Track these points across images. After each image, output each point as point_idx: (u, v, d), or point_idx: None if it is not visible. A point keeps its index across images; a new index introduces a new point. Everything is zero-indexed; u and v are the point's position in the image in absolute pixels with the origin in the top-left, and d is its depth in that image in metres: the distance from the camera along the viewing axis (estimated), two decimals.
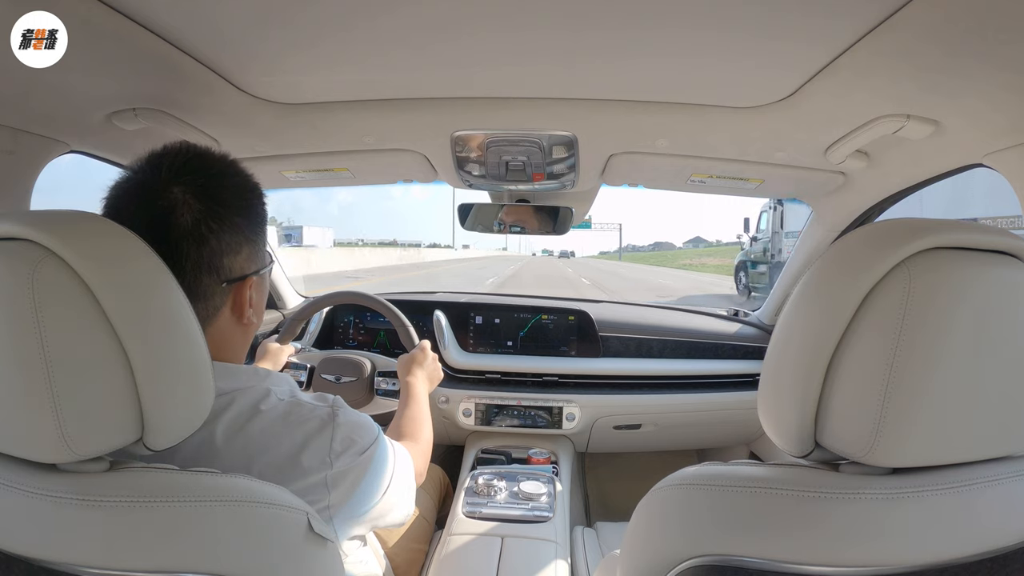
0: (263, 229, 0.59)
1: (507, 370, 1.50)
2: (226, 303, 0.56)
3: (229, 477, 0.43)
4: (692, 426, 1.55)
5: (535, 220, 1.35)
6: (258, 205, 0.59)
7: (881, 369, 0.36)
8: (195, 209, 0.51)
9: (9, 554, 0.38)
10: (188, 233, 0.51)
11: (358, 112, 0.91)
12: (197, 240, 0.52)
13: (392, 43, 0.68)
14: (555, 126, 0.94)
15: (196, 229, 0.51)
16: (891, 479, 0.38)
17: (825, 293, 0.40)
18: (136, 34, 0.62)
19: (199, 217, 0.52)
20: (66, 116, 0.80)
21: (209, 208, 0.52)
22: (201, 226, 0.52)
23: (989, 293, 0.36)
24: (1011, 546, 0.36)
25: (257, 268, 0.58)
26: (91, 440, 0.38)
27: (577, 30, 0.63)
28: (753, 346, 1.54)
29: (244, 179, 0.58)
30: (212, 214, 0.52)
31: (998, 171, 0.79)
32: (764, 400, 0.45)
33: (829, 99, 0.76)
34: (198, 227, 0.52)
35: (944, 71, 0.63)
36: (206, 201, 0.52)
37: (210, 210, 0.52)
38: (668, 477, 0.48)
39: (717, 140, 0.98)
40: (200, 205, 0.52)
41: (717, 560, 0.40)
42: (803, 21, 0.59)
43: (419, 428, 0.87)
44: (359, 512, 0.58)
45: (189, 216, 0.51)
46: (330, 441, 0.54)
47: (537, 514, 1.16)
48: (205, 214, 0.52)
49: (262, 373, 0.58)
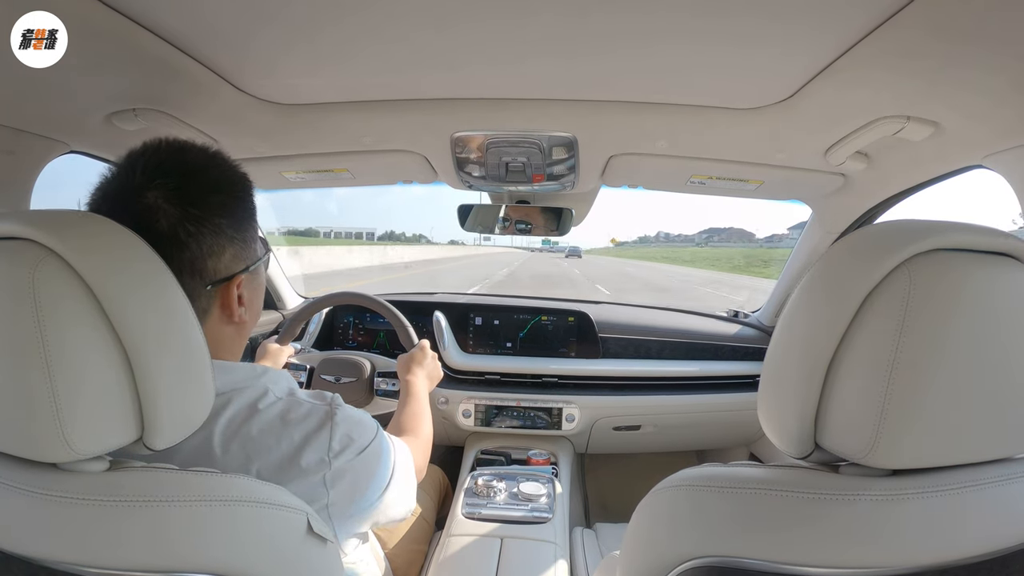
0: (250, 224, 0.57)
1: (507, 371, 1.50)
2: (214, 305, 0.55)
3: (229, 477, 0.43)
4: (692, 427, 1.55)
5: (535, 221, 1.35)
6: (243, 200, 0.56)
7: (881, 371, 0.36)
8: (171, 215, 0.50)
9: (9, 554, 0.38)
10: (166, 239, 0.49)
11: (358, 113, 0.91)
12: (176, 245, 0.50)
13: (392, 43, 0.68)
14: (555, 127, 0.94)
15: (174, 235, 0.50)
16: (891, 480, 0.38)
17: (825, 294, 0.40)
18: (136, 34, 0.62)
19: (175, 222, 0.50)
20: (66, 116, 0.80)
21: (185, 212, 0.50)
22: (179, 231, 0.50)
23: (989, 295, 0.36)
24: (1011, 547, 0.36)
25: (245, 265, 0.57)
26: (91, 440, 0.38)
27: (577, 30, 0.63)
28: (753, 347, 1.54)
29: (225, 172, 0.55)
30: (189, 218, 0.50)
31: (998, 172, 0.79)
32: (764, 401, 0.45)
33: (829, 100, 0.76)
34: (175, 233, 0.50)
35: (944, 72, 0.63)
36: (182, 206, 0.50)
37: (186, 214, 0.50)
38: (668, 478, 0.48)
39: (717, 141, 0.98)
40: (176, 210, 0.50)
41: (717, 561, 0.40)
42: (803, 22, 0.59)
43: (419, 424, 0.87)
44: (359, 510, 0.58)
45: (165, 222, 0.49)
46: (329, 440, 0.54)
47: (537, 515, 1.16)
48: (181, 218, 0.50)
49: (259, 371, 0.57)
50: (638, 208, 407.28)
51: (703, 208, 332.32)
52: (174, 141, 0.54)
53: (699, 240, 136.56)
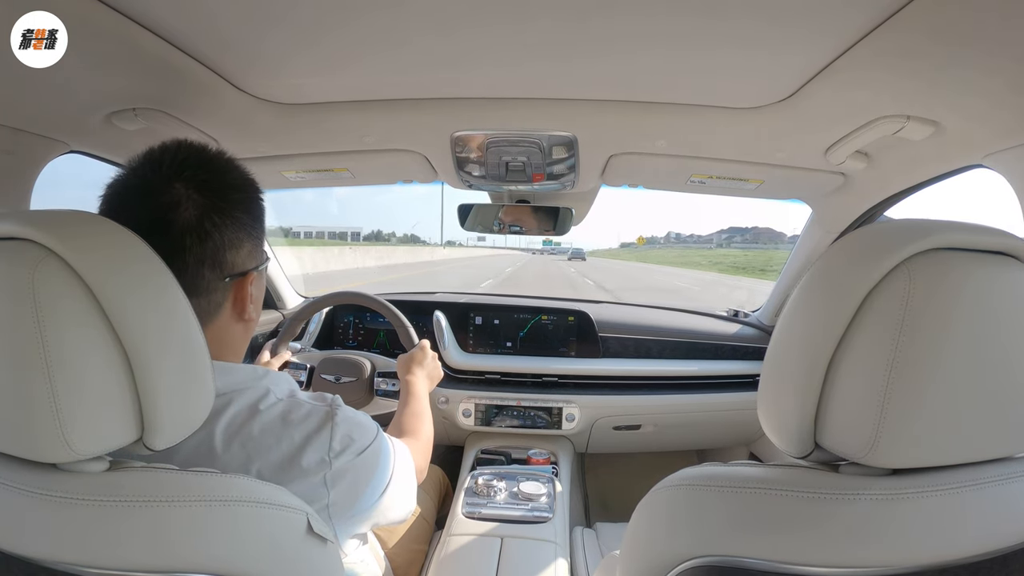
0: (262, 225, 0.60)
1: (507, 370, 1.50)
2: (227, 299, 0.56)
3: (229, 477, 0.43)
4: (692, 427, 1.55)
5: (535, 220, 1.35)
6: (258, 201, 0.59)
7: (881, 370, 0.36)
8: (199, 204, 0.52)
9: (9, 554, 0.38)
10: (191, 228, 0.51)
11: (358, 112, 0.91)
12: (200, 235, 0.52)
13: (392, 43, 0.68)
14: (555, 126, 0.94)
15: (199, 224, 0.52)
16: (891, 480, 0.38)
17: (825, 294, 0.40)
18: (136, 34, 0.62)
19: (202, 212, 0.52)
20: (66, 116, 0.80)
21: (212, 203, 0.52)
22: (205, 221, 0.52)
23: (989, 294, 0.36)
24: (1011, 547, 0.36)
25: (257, 264, 0.59)
26: (91, 440, 0.38)
27: (576, 34, 0.63)
28: (753, 347, 1.54)
29: (243, 175, 0.58)
30: (215, 208, 0.53)
31: (998, 172, 0.79)
32: (764, 401, 0.45)
33: (829, 100, 0.76)
34: (201, 222, 0.52)
35: (944, 71, 0.63)
36: (209, 196, 0.52)
37: (213, 205, 0.53)
38: (668, 478, 0.48)
39: (717, 141, 0.98)
40: (203, 200, 0.52)
41: (717, 561, 0.40)
42: (802, 23, 0.59)
43: (419, 425, 0.87)
44: (359, 510, 0.58)
45: (193, 211, 0.51)
46: (329, 440, 0.54)
47: (537, 515, 1.16)
48: (209, 208, 0.52)
49: (260, 372, 0.58)
50: (637, 208, 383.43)
51: (722, 206, 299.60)
52: (190, 143, 0.56)
53: (719, 240, 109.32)
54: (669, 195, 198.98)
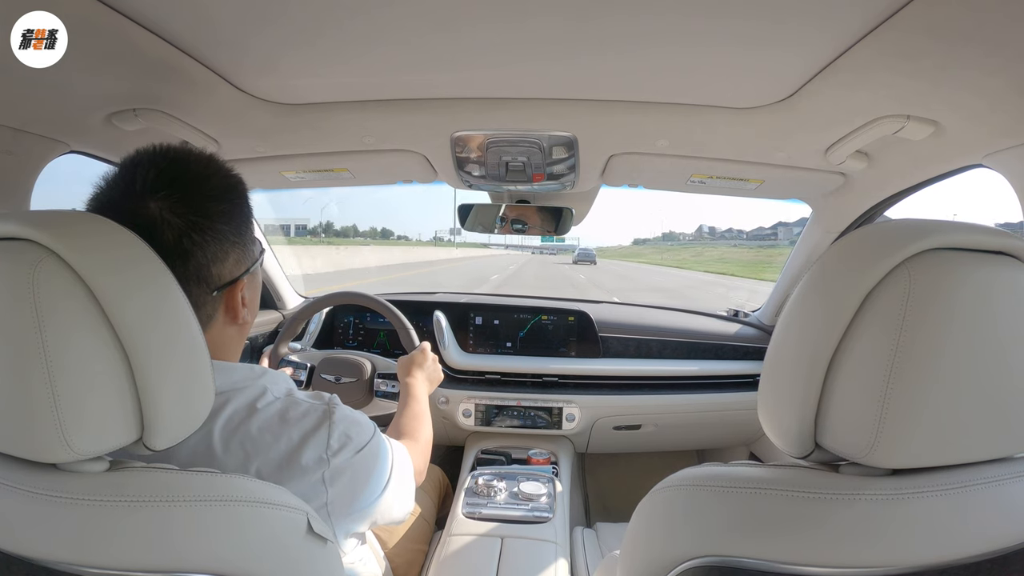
0: (249, 227, 0.58)
1: (507, 371, 1.50)
2: (219, 309, 0.56)
3: (228, 477, 0.43)
4: (692, 427, 1.55)
5: (535, 220, 1.35)
6: (241, 205, 0.57)
7: (881, 370, 0.36)
8: (175, 226, 0.50)
9: (9, 554, 0.38)
10: (170, 251, 0.48)
11: (358, 112, 0.91)
12: (181, 255, 0.50)
13: (391, 43, 0.68)
14: (555, 126, 0.94)
15: (178, 244, 0.50)
16: (891, 480, 0.38)
17: (825, 294, 0.40)
18: (136, 34, 0.62)
19: (180, 233, 0.50)
20: (66, 116, 0.80)
21: (190, 222, 0.50)
22: (184, 241, 0.50)
23: (989, 294, 0.36)
24: (1011, 547, 0.36)
25: (247, 267, 0.57)
26: (91, 440, 0.38)
27: (576, 33, 0.63)
28: (753, 347, 1.54)
29: (224, 178, 0.55)
30: (194, 227, 0.51)
31: (998, 171, 0.79)
32: (764, 401, 0.45)
33: (829, 100, 0.76)
34: (180, 243, 0.50)
35: (944, 71, 0.63)
36: (185, 215, 0.50)
37: (192, 224, 0.50)
38: (668, 478, 0.48)
39: (717, 140, 0.98)
40: (179, 220, 0.50)
41: (717, 561, 0.40)
42: (803, 21, 0.59)
43: (419, 427, 0.87)
44: (358, 508, 0.58)
45: (170, 233, 0.49)
46: (327, 438, 0.54)
47: (537, 515, 1.16)
48: (186, 228, 0.50)
49: (258, 371, 0.58)
50: (640, 207, 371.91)
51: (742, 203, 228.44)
52: (170, 148, 0.54)
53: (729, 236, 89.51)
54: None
